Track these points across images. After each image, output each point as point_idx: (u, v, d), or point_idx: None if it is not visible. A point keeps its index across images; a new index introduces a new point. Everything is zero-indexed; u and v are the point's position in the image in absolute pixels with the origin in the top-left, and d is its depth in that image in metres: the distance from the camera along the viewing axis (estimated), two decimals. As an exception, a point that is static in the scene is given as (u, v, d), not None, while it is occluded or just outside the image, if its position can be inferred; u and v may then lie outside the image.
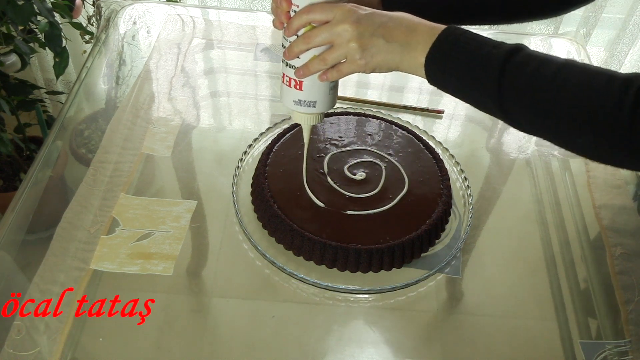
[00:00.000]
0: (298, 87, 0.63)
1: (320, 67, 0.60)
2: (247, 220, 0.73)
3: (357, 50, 0.57)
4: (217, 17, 1.13)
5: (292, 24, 0.58)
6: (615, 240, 0.76)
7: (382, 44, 0.57)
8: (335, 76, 0.61)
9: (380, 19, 0.57)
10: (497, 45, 0.54)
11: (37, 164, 0.79)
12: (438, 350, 0.64)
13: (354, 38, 0.56)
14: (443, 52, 0.55)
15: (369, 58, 0.58)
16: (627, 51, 1.59)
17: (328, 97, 0.64)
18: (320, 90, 0.63)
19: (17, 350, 0.59)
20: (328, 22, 0.57)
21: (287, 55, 0.61)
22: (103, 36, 1.06)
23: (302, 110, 0.65)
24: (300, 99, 0.64)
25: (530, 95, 0.51)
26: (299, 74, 0.61)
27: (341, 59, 0.59)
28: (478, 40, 0.55)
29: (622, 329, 0.67)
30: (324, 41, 0.58)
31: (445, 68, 0.55)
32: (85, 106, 0.93)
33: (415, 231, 0.70)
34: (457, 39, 0.55)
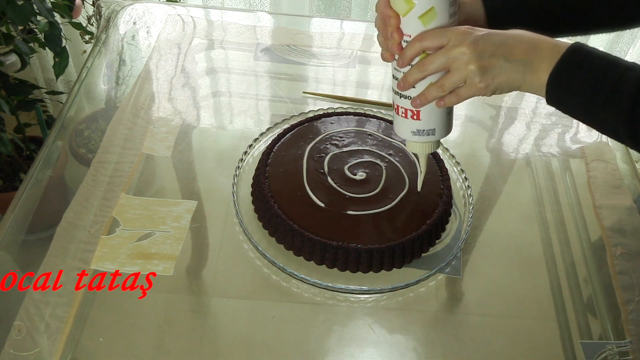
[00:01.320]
0: (416, 117, 0.61)
1: (439, 94, 0.57)
2: (247, 220, 0.73)
3: (476, 72, 0.54)
4: (217, 17, 1.13)
5: (406, 54, 0.57)
6: (615, 240, 0.76)
7: (503, 64, 0.54)
8: (454, 101, 0.58)
9: (498, 38, 0.55)
10: (630, 66, 0.51)
11: (37, 164, 0.79)
12: (438, 350, 0.64)
13: (473, 60, 0.54)
14: (569, 71, 0.52)
15: (490, 80, 0.55)
16: (627, 51, 1.59)
17: (446, 122, 0.62)
18: (439, 117, 0.61)
19: (17, 350, 0.59)
20: (443, 47, 0.55)
21: (402, 87, 0.59)
22: (103, 36, 1.06)
23: (422, 139, 0.63)
24: (418, 128, 0.62)
25: None
26: (415, 104, 0.59)
27: (460, 84, 0.56)
28: (607, 60, 0.52)
29: (623, 329, 0.67)
30: (440, 67, 0.56)
31: (569, 87, 0.53)
32: (85, 106, 0.93)
33: (416, 231, 0.70)
34: (583, 58, 0.52)
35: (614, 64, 0.52)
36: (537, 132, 0.93)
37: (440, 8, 0.55)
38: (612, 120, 0.52)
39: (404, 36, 0.57)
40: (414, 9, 0.55)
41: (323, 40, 1.09)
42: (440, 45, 0.55)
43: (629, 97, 0.50)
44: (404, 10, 0.56)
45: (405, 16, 0.56)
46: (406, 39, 0.57)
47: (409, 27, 0.57)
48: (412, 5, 0.55)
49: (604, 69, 0.52)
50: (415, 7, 0.55)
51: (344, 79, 1.01)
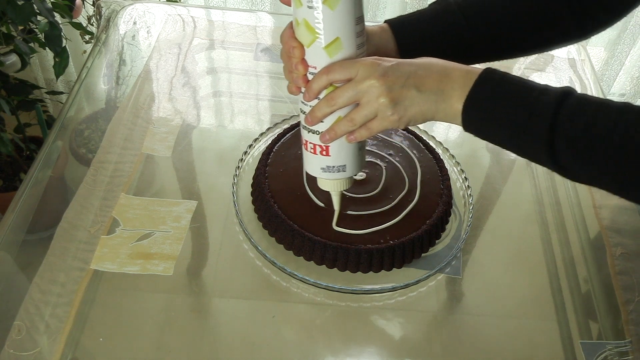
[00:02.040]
0: (325, 153, 0.58)
1: (348, 129, 0.55)
2: (247, 220, 0.73)
3: (388, 105, 0.53)
4: (218, 17, 1.13)
5: (312, 87, 0.55)
6: (615, 240, 0.76)
7: (415, 94, 0.52)
8: (365, 135, 0.56)
9: (408, 68, 0.53)
10: (544, 90, 0.50)
11: (37, 164, 0.80)
12: (438, 350, 0.64)
13: (384, 93, 0.52)
14: (483, 98, 0.51)
15: (403, 112, 0.53)
16: (628, 51, 1.59)
17: (357, 157, 0.60)
18: (349, 152, 0.59)
19: (17, 350, 0.59)
20: (351, 80, 0.53)
21: (310, 121, 0.57)
22: (103, 36, 1.06)
23: (332, 177, 0.61)
24: (328, 165, 0.60)
25: (589, 148, 0.48)
26: (325, 139, 0.57)
27: (371, 117, 0.54)
28: (521, 84, 0.51)
29: (623, 329, 0.67)
30: (349, 101, 0.54)
31: (486, 116, 0.52)
32: (85, 106, 0.93)
33: (416, 231, 0.70)
34: (497, 84, 0.51)
35: (528, 88, 0.51)
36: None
37: (346, 38, 0.53)
38: (533, 148, 0.51)
39: (310, 68, 0.55)
40: (318, 39, 0.53)
41: (323, 40, 1.09)
42: (349, 78, 0.53)
43: (546, 123, 0.49)
44: (308, 40, 0.53)
45: (309, 47, 0.53)
46: (312, 70, 0.55)
47: (314, 59, 0.54)
48: (317, 36, 0.52)
49: (518, 94, 0.50)
50: (320, 37, 0.52)
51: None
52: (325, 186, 0.63)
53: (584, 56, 1.10)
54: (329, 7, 0.51)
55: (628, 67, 1.66)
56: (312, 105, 0.56)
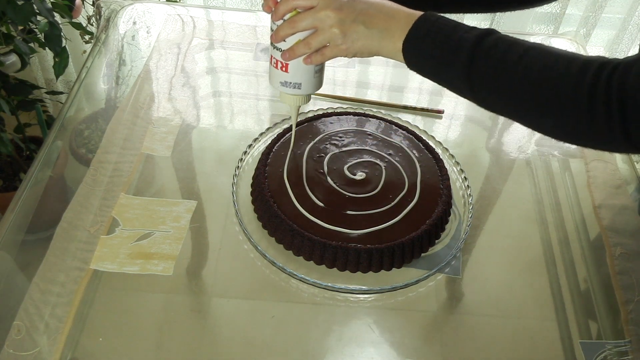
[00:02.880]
0: (284, 69, 0.65)
1: (305, 51, 0.63)
2: (247, 220, 0.73)
3: (339, 35, 0.60)
4: (217, 17, 1.13)
5: (279, 8, 0.62)
6: (615, 240, 0.76)
7: (362, 30, 0.60)
8: (319, 59, 0.63)
9: (360, 6, 0.60)
10: (469, 29, 0.56)
11: (37, 164, 0.79)
12: (438, 350, 0.64)
13: (336, 24, 0.60)
14: (419, 37, 0.58)
15: (350, 43, 0.61)
16: (627, 51, 1.59)
17: (313, 79, 0.67)
18: (306, 73, 0.66)
19: (17, 350, 0.59)
20: (313, 8, 0.60)
21: (274, 38, 0.64)
22: (103, 36, 1.06)
23: (288, 91, 0.68)
24: (286, 80, 0.67)
25: (497, 77, 0.54)
26: (285, 57, 0.64)
27: (324, 44, 0.62)
28: (452, 25, 0.57)
29: (622, 329, 0.67)
30: (308, 26, 0.61)
31: (420, 52, 0.59)
32: (85, 106, 0.93)
33: (415, 231, 0.70)
34: (432, 24, 0.58)
35: (456, 28, 0.57)
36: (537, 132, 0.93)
37: None
38: (454, 79, 0.58)
39: None
40: None
41: (323, 40, 1.09)
42: (310, 6, 0.61)
43: (466, 55, 0.55)
44: None
45: None
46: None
47: None
48: None
49: (448, 32, 0.57)
50: None
51: (344, 79, 1.01)
52: (284, 100, 0.70)
53: (584, 56, 1.10)
54: None
55: (628, 67, 1.66)
56: (279, 24, 0.63)
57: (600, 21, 1.51)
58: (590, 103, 0.49)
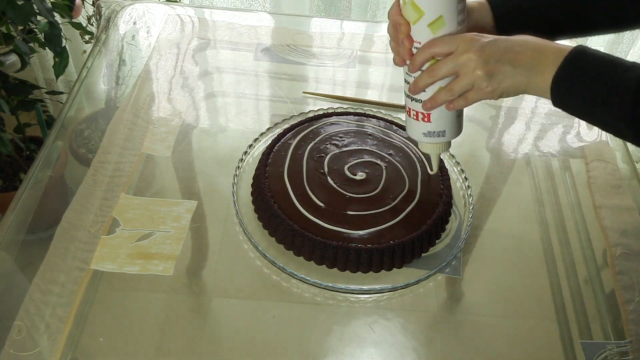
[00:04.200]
0: (426, 120, 0.63)
1: (448, 98, 0.60)
2: (247, 220, 0.73)
3: (483, 77, 0.57)
4: (218, 17, 1.13)
5: (416, 60, 0.59)
6: (615, 240, 0.76)
7: (509, 69, 0.56)
8: (462, 104, 0.61)
9: (504, 44, 0.57)
10: (630, 67, 0.52)
11: (37, 164, 0.79)
12: (438, 350, 0.64)
13: (480, 66, 0.56)
14: (571, 73, 0.54)
15: (496, 84, 0.57)
16: (628, 51, 1.59)
17: (455, 124, 0.65)
18: (448, 119, 0.64)
19: (17, 350, 0.59)
20: (452, 53, 0.58)
21: (413, 91, 0.62)
22: (103, 36, 1.06)
23: (432, 140, 0.65)
24: (429, 130, 0.64)
25: None
26: (426, 107, 0.62)
27: (468, 88, 0.59)
28: (608, 60, 0.53)
29: (623, 329, 0.67)
30: (449, 72, 0.58)
31: (572, 90, 0.54)
32: (85, 106, 0.93)
33: (416, 231, 0.70)
34: (586, 60, 0.54)
35: (615, 64, 0.53)
36: (537, 132, 0.93)
37: (448, 16, 0.58)
38: (614, 121, 0.53)
39: (414, 43, 0.59)
40: (424, 17, 0.58)
41: (323, 40, 1.09)
42: (449, 52, 0.58)
43: (629, 98, 0.51)
44: (414, 18, 0.58)
45: (415, 24, 0.58)
46: (416, 45, 0.59)
47: (419, 35, 0.59)
48: (422, 14, 0.58)
49: (604, 70, 0.53)
50: (425, 15, 0.58)
51: (344, 79, 1.01)
52: (426, 149, 0.68)
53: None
54: None
55: (628, 67, 1.66)
56: (416, 76, 0.61)
57: (600, 21, 1.51)
58: None
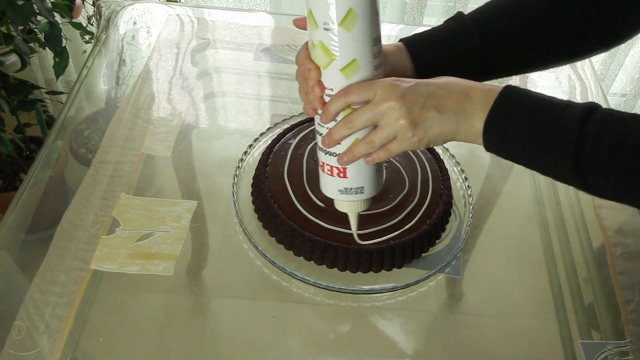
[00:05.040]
0: (342, 175, 0.57)
1: (367, 151, 0.54)
2: (247, 220, 0.73)
3: (408, 127, 0.51)
4: (218, 17, 1.13)
5: (329, 109, 0.53)
6: (615, 240, 0.76)
7: (434, 115, 0.51)
8: (383, 157, 0.54)
9: (427, 88, 0.52)
10: (566, 106, 0.49)
11: (37, 164, 0.79)
12: (438, 350, 0.64)
13: (403, 115, 0.51)
14: (504, 117, 0.50)
15: (423, 133, 0.52)
16: (627, 52, 1.59)
17: (375, 178, 0.59)
18: (367, 174, 0.57)
19: (17, 350, 0.59)
20: (369, 102, 0.52)
21: (327, 143, 0.55)
22: (103, 36, 1.06)
23: (350, 198, 0.59)
24: (345, 187, 0.58)
25: (617, 164, 0.47)
26: (342, 161, 0.55)
27: (390, 139, 0.53)
28: (543, 101, 0.50)
29: (623, 329, 0.67)
30: (368, 122, 0.52)
31: (507, 135, 0.50)
32: (85, 106, 0.93)
33: (416, 231, 0.70)
34: (518, 102, 0.50)
35: (551, 105, 0.50)
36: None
37: (363, 60, 0.52)
38: (557, 166, 0.50)
39: (326, 90, 0.53)
40: (335, 61, 0.51)
41: (323, 40, 1.09)
42: (367, 100, 0.52)
43: (572, 139, 0.47)
44: (325, 62, 0.52)
45: (326, 69, 0.52)
46: (328, 92, 0.53)
47: (330, 81, 0.53)
48: (333, 58, 0.51)
49: (540, 111, 0.49)
50: (337, 59, 0.51)
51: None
52: (343, 208, 0.61)
53: (584, 56, 1.10)
54: (346, 29, 0.50)
55: (628, 67, 1.66)
56: (330, 127, 0.55)
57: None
58: None
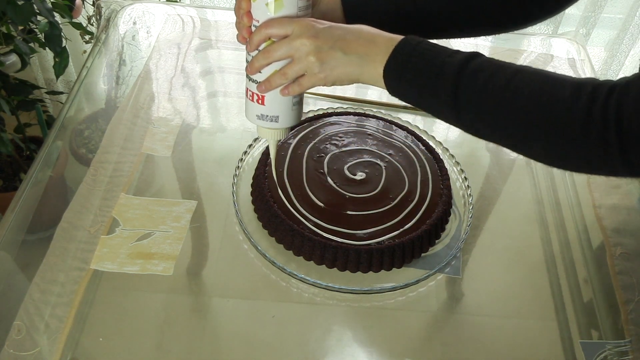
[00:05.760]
0: (260, 102, 0.62)
1: (282, 82, 0.60)
2: (247, 220, 0.73)
3: (315, 63, 0.57)
4: (217, 17, 1.13)
5: (253, 39, 0.59)
6: (615, 240, 0.76)
7: (340, 56, 0.57)
8: (297, 90, 0.60)
9: (338, 32, 0.57)
10: (453, 53, 0.54)
11: (37, 164, 0.79)
12: (438, 350, 0.64)
13: (312, 52, 0.57)
14: (400, 62, 0.55)
15: (329, 71, 0.58)
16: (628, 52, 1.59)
17: (291, 112, 0.63)
18: (283, 105, 0.62)
19: (17, 350, 0.59)
20: (287, 37, 0.57)
21: (249, 70, 0.61)
22: (103, 36, 1.06)
23: (265, 125, 0.64)
24: (262, 113, 0.63)
25: (484, 102, 0.52)
26: (261, 89, 0.61)
27: (301, 73, 0.59)
28: (434, 49, 0.55)
29: (622, 329, 0.67)
30: (283, 55, 0.58)
31: (402, 78, 0.56)
32: (85, 106, 0.93)
33: (415, 231, 0.70)
34: (413, 49, 0.55)
35: (439, 52, 0.54)
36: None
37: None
38: (440, 106, 0.55)
39: (253, 21, 0.59)
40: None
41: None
42: (285, 35, 0.58)
43: (450, 81, 0.53)
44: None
45: (255, 1, 0.58)
46: (255, 23, 0.59)
47: (258, 13, 0.58)
48: None
49: (430, 57, 0.54)
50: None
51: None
52: (261, 134, 0.67)
53: (584, 56, 1.10)
54: None
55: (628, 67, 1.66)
56: (253, 55, 0.60)
57: (600, 21, 1.51)
58: (585, 128, 0.47)
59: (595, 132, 0.46)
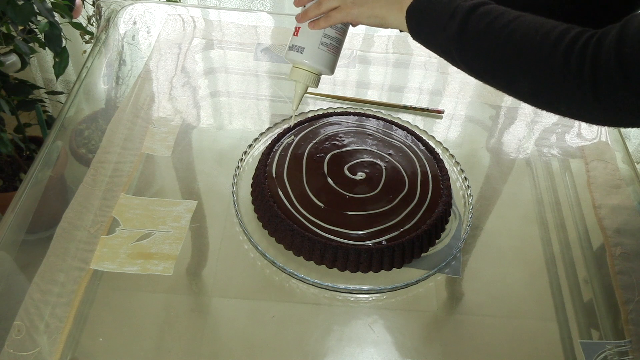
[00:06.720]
0: (296, 34, 0.70)
1: (315, 13, 0.68)
2: (247, 220, 0.73)
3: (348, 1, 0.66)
4: (217, 17, 1.13)
5: None
6: (615, 240, 0.76)
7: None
8: (323, 24, 0.68)
9: None
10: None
11: (37, 164, 0.80)
12: (438, 350, 0.64)
13: None
14: (420, 7, 0.62)
15: (358, 8, 0.66)
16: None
17: (318, 50, 0.69)
18: (311, 39, 0.69)
19: (17, 350, 0.59)
20: None
21: (296, 2, 0.70)
22: (103, 36, 1.06)
23: (291, 56, 0.71)
24: (294, 44, 0.70)
25: (483, 41, 0.56)
26: (298, 19, 0.70)
27: (334, 6, 0.67)
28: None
29: (622, 329, 0.67)
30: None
31: (421, 20, 0.62)
32: (85, 106, 0.93)
33: (415, 231, 0.70)
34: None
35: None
36: (537, 132, 0.93)
37: None
38: (447, 43, 0.60)
39: None
40: None
41: (323, 40, 1.09)
42: None
43: (459, 21, 0.58)
44: None
45: None
46: None
47: None
48: None
49: (448, 1, 0.60)
50: None
51: (344, 79, 1.01)
52: (291, 75, 0.72)
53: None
54: None
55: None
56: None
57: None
58: (564, 63, 0.50)
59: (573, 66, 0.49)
